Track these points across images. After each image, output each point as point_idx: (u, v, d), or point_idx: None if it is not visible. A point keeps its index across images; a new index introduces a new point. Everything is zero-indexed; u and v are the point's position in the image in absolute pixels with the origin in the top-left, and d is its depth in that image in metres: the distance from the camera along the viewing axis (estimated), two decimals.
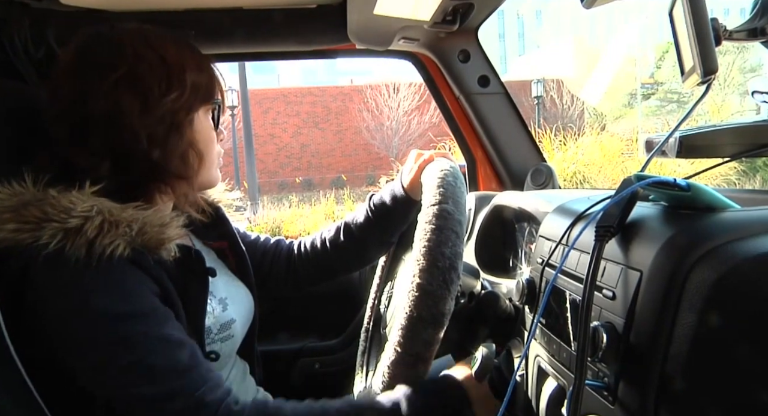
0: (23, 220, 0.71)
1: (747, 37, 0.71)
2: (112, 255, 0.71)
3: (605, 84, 16.65)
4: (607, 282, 0.63)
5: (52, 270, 0.71)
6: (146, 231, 0.75)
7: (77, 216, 0.72)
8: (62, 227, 0.71)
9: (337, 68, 32.53)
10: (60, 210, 0.72)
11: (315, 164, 17.13)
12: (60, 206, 0.72)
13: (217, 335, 0.86)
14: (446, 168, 0.85)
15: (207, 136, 0.87)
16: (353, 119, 16.33)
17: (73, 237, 0.71)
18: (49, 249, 0.70)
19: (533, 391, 0.82)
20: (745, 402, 0.52)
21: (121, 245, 0.72)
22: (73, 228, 0.71)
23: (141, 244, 0.75)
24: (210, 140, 0.87)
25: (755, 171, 8.53)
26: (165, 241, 0.77)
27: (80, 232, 0.71)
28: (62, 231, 0.71)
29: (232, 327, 0.89)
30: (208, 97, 0.85)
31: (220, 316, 0.87)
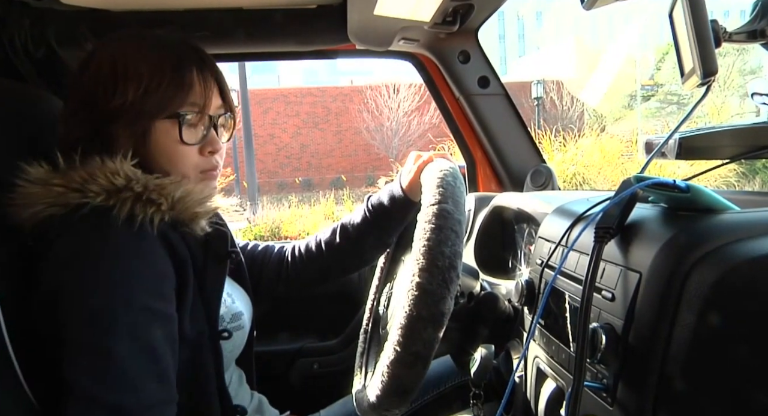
0: (70, 181, 0.74)
1: (747, 39, 0.71)
2: (152, 222, 0.73)
3: (605, 85, 16.67)
4: (606, 283, 0.63)
5: (95, 226, 0.72)
6: (186, 202, 0.77)
7: (123, 177, 0.74)
8: (109, 185, 0.73)
9: (337, 69, 32.55)
10: (106, 171, 0.74)
11: (315, 164, 17.13)
12: (106, 167, 0.75)
13: (230, 323, 0.87)
14: (446, 168, 0.85)
15: (168, 150, 0.82)
16: (353, 119, 16.33)
17: (119, 194, 0.73)
18: (94, 203, 0.72)
19: (532, 392, 0.82)
20: (744, 404, 0.52)
21: (164, 205, 0.74)
22: (121, 187, 0.73)
23: (175, 215, 0.76)
24: (173, 152, 0.82)
25: (755, 173, 8.54)
26: (200, 215, 0.79)
27: (127, 189, 0.73)
28: (109, 190, 0.73)
29: (242, 319, 0.90)
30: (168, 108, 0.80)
31: (231, 306, 0.89)
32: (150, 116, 0.80)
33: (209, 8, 1.38)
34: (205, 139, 0.85)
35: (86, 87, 0.80)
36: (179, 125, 0.81)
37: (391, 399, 0.77)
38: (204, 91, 0.83)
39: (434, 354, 0.73)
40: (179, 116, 0.81)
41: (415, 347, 0.72)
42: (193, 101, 0.82)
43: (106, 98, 0.78)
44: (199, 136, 0.84)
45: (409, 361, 0.72)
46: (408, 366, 0.73)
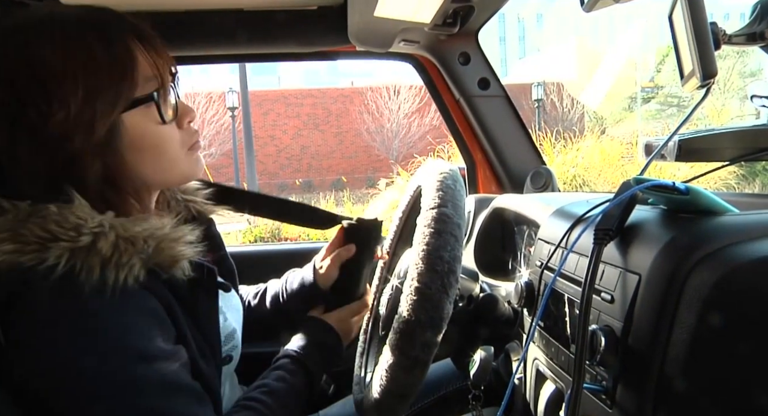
0: (23, 240, 0.62)
1: (746, 41, 0.71)
2: (127, 279, 0.63)
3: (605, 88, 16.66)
4: (605, 285, 0.63)
5: (59, 298, 0.62)
6: (162, 248, 0.68)
7: (88, 233, 0.63)
8: (72, 246, 0.62)
9: (337, 70, 32.57)
10: (68, 228, 0.63)
11: (315, 165, 17.13)
12: (67, 222, 0.63)
13: (225, 345, 0.83)
14: (445, 171, 0.85)
15: (150, 136, 0.72)
16: (353, 121, 16.34)
17: (84, 257, 0.62)
18: (57, 273, 0.61)
19: (531, 394, 0.82)
20: (744, 405, 0.52)
21: (137, 265, 0.65)
22: (85, 247, 0.62)
23: (156, 263, 0.68)
24: (157, 138, 0.73)
25: (754, 175, 8.54)
26: (179, 258, 0.70)
27: (93, 250, 0.63)
28: (70, 251, 0.62)
29: (236, 337, 0.86)
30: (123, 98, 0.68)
31: (223, 326, 0.84)
32: (107, 116, 0.67)
33: (210, 9, 1.39)
34: (179, 110, 0.76)
35: (8, 107, 0.65)
36: (157, 105, 0.71)
37: (390, 402, 0.77)
38: (152, 60, 0.71)
39: (433, 357, 0.73)
40: (150, 98, 0.71)
41: (414, 351, 0.72)
42: (147, 76, 0.70)
43: (42, 116, 0.64)
44: (173, 109, 0.75)
45: (408, 365, 0.72)
46: (407, 370, 0.73)
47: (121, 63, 0.68)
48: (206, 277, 0.76)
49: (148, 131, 0.72)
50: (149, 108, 0.71)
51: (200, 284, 0.75)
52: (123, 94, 0.68)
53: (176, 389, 0.67)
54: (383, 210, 7.53)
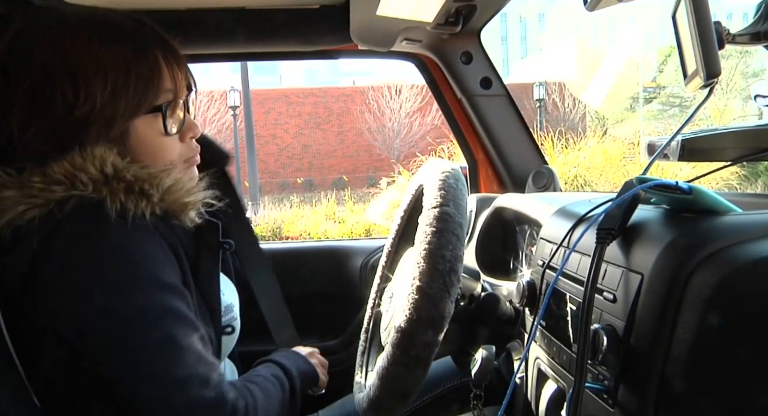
0: (50, 176, 0.67)
1: (750, 41, 0.71)
2: (146, 209, 0.69)
3: (607, 87, 16.65)
4: (607, 285, 0.63)
5: (90, 219, 0.67)
6: (174, 191, 0.73)
7: (110, 165, 0.69)
8: (98, 175, 0.67)
9: (339, 69, 32.56)
10: (94, 159, 0.68)
11: (316, 164, 17.13)
12: (91, 156, 0.69)
13: (224, 316, 0.86)
14: (447, 170, 0.85)
15: (151, 144, 0.76)
16: (355, 120, 16.32)
17: (111, 184, 0.68)
18: (84, 200, 0.66)
19: (533, 393, 0.82)
20: (746, 406, 0.52)
21: (156, 197, 0.70)
22: (110, 175, 0.68)
23: (165, 206, 0.72)
24: (157, 147, 0.77)
25: (756, 176, 8.53)
26: (189, 205, 0.74)
27: (117, 176, 0.68)
28: (98, 179, 0.67)
29: (234, 311, 0.89)
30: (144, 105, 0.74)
31: (222, 300, 0.86)
32: (126, 116, 0.73)
33: (212, 8, 1.39)
34: (184, 125, 0.80)
35: (36, 91, 0.70)
36: (163, 117, 0.75)
37: (390, 400, 0.77)
38: (172, 74, 0.76)
39: (434, 356, 0.73)
40: (160, 108, 0.75)
41: (415, 350, 0.72)
42: (167, 88, 0.76)
43: (67, 106, 0.69)
44: (178, 124, 0.79)
45: (409, 364, 0.72)
46: (408, 369, 0.73)
47: (149, 71, 0.74)
48: (209, 232, 0.80)
49: (150, 138, 0.77)
50: (156, 118, 0.76)
51: (203, 242, 0.79)
52: (146, 100, 0.74)
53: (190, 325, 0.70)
54: (384, 209, 7.53)
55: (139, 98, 0.73)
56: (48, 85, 0.69)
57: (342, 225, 7.50)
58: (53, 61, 0.70)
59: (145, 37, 0.75)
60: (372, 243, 1.73)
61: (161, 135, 0.77)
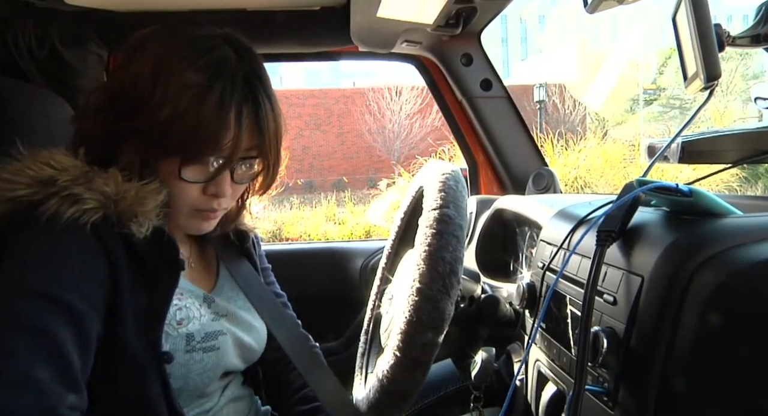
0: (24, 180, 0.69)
1: (750, 43, 0.71)
2: (82, 214, 0.67)
3: (608, 89, 16.66)
4: (608, 287, 0.63)
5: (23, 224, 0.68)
6: (124, 197, 0.71)
7: (54, 167, 0.70)
8: (37, 176, 0.69)
9: (339, 71, 32.59)
10: (38, 160, 0.71)
11: (316, 166, 17.13)
12: (39, 157, 0.71)
13: (200, 343, 0.80)
14: (447, 172, 0.85)
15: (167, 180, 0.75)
16: (355, 121, 16.33)
17: (45, 188, 0.68)
18: (21, 196, 0.68)
19: (533, 396, 0.82)
20: (746, 408, 0.52)
21: (92, 203, 0.68)
22: (47, 178, 0.69)
23: (114, 210, 0.70)
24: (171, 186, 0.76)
25: (757, 178, 8.52)
26: (140, 214, 0.71)
27: (52, 182, 0.69)
28: (36, 182, 0.69)
29: (220, 339, 0.82)
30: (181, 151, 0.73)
31: (208, 324, 0.82)
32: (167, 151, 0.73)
33: (212, 9, 1.39)
34: (212, 179, 0.77)
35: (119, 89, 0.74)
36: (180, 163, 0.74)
37: (390, 402, 0.76)
38: (238, 133, 0.74)
39: (434, 358, 0.73)
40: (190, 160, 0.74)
41: (415, 352, 0.72)
42: (223, 145, 0.73)
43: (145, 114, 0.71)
44: (205, 174, 0.76)
45: (408, 366, 0.72)
46: (408, 371, 0.73)
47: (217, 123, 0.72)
48: (165, 245, 0.76)
49: (169, 171, 0.75)
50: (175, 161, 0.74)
51: (162, 254, 0.75)
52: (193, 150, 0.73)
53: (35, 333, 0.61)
54: (385, 211, 7.53)
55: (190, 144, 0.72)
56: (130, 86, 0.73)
57: (342, 227, 7.49)
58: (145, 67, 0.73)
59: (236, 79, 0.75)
60: (372, 245, 1.73)
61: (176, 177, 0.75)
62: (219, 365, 0.82)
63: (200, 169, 0.75)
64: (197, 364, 0.79)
